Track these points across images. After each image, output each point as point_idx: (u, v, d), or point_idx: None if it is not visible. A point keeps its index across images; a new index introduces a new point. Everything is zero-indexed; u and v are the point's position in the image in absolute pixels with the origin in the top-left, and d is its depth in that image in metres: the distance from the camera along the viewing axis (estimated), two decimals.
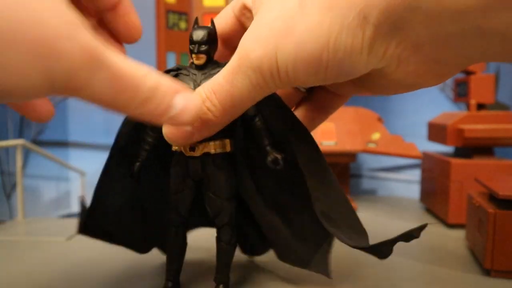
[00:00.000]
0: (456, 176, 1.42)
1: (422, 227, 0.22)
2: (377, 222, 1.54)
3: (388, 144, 1.71)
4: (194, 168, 0.30)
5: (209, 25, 0.30)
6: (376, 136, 1.69)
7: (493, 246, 0.70)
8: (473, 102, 1.02)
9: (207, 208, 0.31)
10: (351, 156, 1.63)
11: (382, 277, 0.46)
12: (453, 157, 1.35)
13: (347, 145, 1.85)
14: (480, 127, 1.04)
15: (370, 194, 2.20)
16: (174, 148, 0.31)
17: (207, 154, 0.30)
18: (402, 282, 0.45)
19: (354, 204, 1.96)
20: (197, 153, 0.30)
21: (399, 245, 0.34)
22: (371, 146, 1.59)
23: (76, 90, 0.16)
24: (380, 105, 2.40)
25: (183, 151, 0.30)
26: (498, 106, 1.51)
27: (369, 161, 2.50)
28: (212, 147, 0.30)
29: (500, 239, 0.84)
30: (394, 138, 1.74)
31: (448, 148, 1.60)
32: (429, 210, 1.57)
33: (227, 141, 0.30)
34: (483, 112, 1.03)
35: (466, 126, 1.08)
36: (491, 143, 1.19)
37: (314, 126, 0.31)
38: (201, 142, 0.29)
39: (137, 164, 0.31)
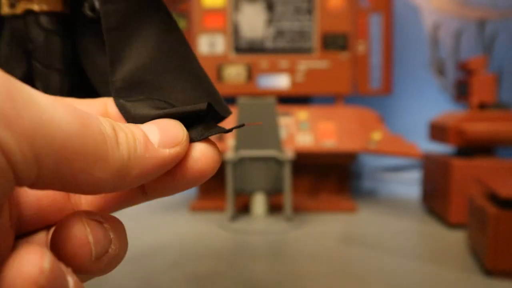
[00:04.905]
0: (458, 176, 1.41)
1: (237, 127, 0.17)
2: (377, 222, 1.53)
3: (389, 144, 1.70)
4: (17, 31, 0.25)
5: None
6: (376, 135, 1.68)
7: (495, 247, 0.69)
8: (474, 101, 1.02)
9: (36, 84, 0.26)
10: (351, 156, 1.63)
11: (384, 277, 0.45)
12: (454, 156, 1.34)
13: (347, 145, 1.84)
14: (482, 127, 1.04)
15: (370, 194, 2.19)
16: (2, 10, 0.25)
17: (30, 12, 0.25)
18: (404, 282, 0.44)
19: (354, 204, 1.94)
20: (18, 10, 0.24)
21: (401, 246, 0.33)
22: (372, 145, 1.58)
23: None
24: (381, 104, 2.39)
25: (3, 8, 0.25)
26: (500, 105, 1.50)
27: (369, 161, 2.49)
28: (36, 3, 0.24)
29: (501, 239, 0.83)
30: (395, 138, 1.73)
31: (449, 148, 1.59)
32: (430, 210, 1.55)
33: None
34: (484, 112, 1.03)
35: (468, 126, 1.08)
36: (493, 143, 1.19)
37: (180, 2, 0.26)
38: None
39: None
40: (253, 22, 1.98)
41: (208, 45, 1.96)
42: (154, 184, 0.17)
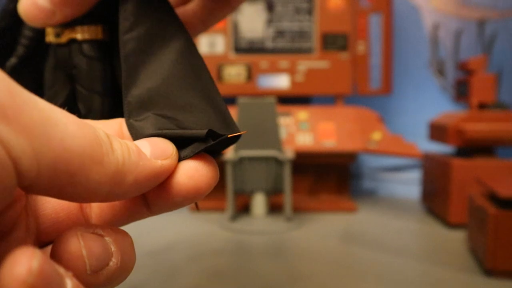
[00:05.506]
0: (457, 176, 1.41)
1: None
2: (377, 222, 1.53)
3: (389, 144, 1.70)
4: (62, 58, 0.27)
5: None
6: (376, 135, 1.68)
7: (494, 247, 0.69)
8: (474, 101, 1.02)
9: (79, 106, 0.28)
10: (351, 156, 1.63)
11: (383, 277, 0.45)
12: (454, 157, 1.35)
13: (347, 145, 1.84)
14: (482, 127, 1.04)
15: (370, 194, 2.19)
16: (48, 39, 0.27)
17: (74, 41, 0.27)
18: (403, 281, 0.44)
19: (354, 204, 1.94)
20: (63, 39, 0.27)
21: (400, 246, 0.33)
22: (372, 145, 1.58)
23: None
24: (381, 104, 2.39)
25: (48, 37, 0.27)
26: (500, 105, 1.50)
27: (369, 161, 2.49)
28: (79, 32, 0.26)
29: (501, 239, 0.83)
30: (395, 138, 1.74)
31: (448, 148, 1.59)
32: (430, 210, 1.56)
33: (99, 27, 0.27)
34: (484, 112, 1.03)
35: (467, 126, 1.08)
36: (493, 143, 1.19)
37: (215, 19, 0.29)
38: (67, 26, 0.26)
39: (12, 60, 0.27)
40: (253, 22, 1.98)
41: (208, 45, 1.96)
42: (154, 200, 0.18)
